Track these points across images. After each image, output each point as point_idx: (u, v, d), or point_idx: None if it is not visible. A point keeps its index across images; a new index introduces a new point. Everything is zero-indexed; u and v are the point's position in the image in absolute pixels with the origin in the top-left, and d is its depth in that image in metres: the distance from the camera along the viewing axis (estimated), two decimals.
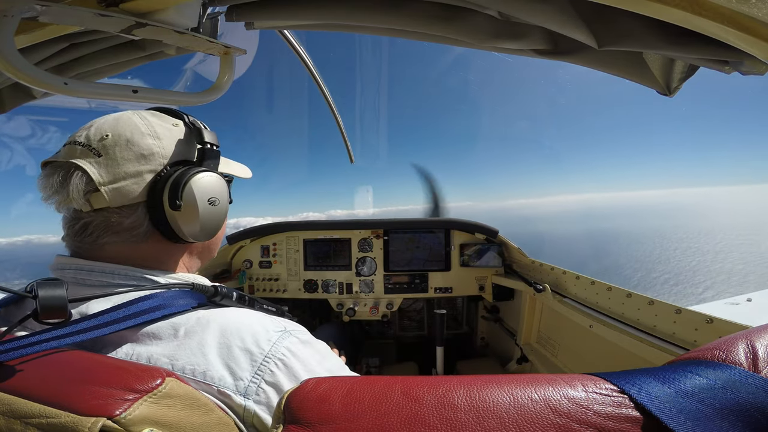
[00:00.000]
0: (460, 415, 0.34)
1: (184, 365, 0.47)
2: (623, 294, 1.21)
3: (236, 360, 0.49)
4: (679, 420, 0.31)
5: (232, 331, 0.51)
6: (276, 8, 0.77)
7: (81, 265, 0.55)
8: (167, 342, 0.49)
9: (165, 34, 0.63)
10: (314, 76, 1.75)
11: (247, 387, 0.48)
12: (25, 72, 0.51)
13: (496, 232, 2.12)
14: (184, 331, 0.50)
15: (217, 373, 0.47)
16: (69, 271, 0.55)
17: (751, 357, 0.36)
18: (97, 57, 0.90)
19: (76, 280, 0.54)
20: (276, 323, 0.56)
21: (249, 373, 0.49)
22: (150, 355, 0.48)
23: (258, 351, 0.50)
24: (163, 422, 0.38)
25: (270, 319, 0.57)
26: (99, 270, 0.54)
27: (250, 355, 0.50)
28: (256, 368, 0.49)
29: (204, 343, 0.49)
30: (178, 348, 0.49)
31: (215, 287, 0.58)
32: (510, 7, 0.63)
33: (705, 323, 0.90)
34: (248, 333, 0.52)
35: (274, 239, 2.26)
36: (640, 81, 0.84)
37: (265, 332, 0.53)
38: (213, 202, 0.61)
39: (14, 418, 0.35)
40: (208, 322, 0.51)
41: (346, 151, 2.77)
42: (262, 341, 0.51)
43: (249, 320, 0.54)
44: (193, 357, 0.48)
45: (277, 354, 0.51)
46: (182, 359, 0.48)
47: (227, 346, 0.50)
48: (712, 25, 0.51)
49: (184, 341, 0.49)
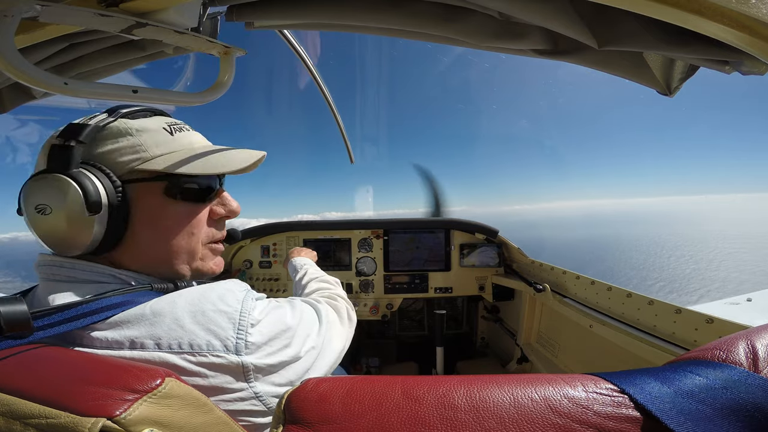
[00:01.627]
0: (460, 415, 0.34)
1: (170, 341, 0.48)
2: (623, 294, 1.21)
3: (215, 322, 0.50)
4: (679, 420, 0.31)
5: (199, 299, 0.52)
6: (276, 8, 0.77)
7: (54, 261, 0.56)
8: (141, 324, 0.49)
9: (165, 34, 0.63)
10: (314, 76, 1.75)
11: (236, 343, 0.50)
12: (25, 72, 0.51)
13: (496, 232, 2.12)
14: (151, 311, 0.50)
15: (203, 339, 0.48)
16: (44, 267, 0.57)
17: (751, 357, 0.36)
18: (97, 57, 0.90)
19: (47, 275, 0.56)
20: (237, 284, 0.59)
21: (232, 331, 0.51)
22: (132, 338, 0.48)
23: (231, 309, 0.52)
24: (163, 422, 0.38)
25: (231, 282, 0.59)
26: (69, 266, 0.55)
27: (226, 314, 0.52)
28: (236, 324, 0.51)
29: (177, 317, 0.50)
30: (153, 327, 0.49)
31: (175, 283, 0.58)
32: (510, 7, 0.63)
33: (705, 323, 0.90)
34: (215, 296, 0.53)
35: (274, 239, 2.26)
36: (640, 81, 0.84)
37: (231, 292, 0.55)
38: (42, 210, 0.52)
39: (14, 418, 0.35)
40: (174, 300, 0.52)
41: (347, 151, 2.77)
42: (230, 300, 0.54)
43: (209, 287, 0.56)
44: (173, 331, 0.48)
45: (249, 306, 0.54)
46: (164, 336, 0.48)
47: (201, 312, 0.51)
48: (712, 25, 0.51)
49: (156, 320, 0.49)
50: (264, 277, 2.25)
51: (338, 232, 2.25)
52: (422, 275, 2.22)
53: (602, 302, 1.31)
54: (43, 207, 0.53)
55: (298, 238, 2.25)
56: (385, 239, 2.22)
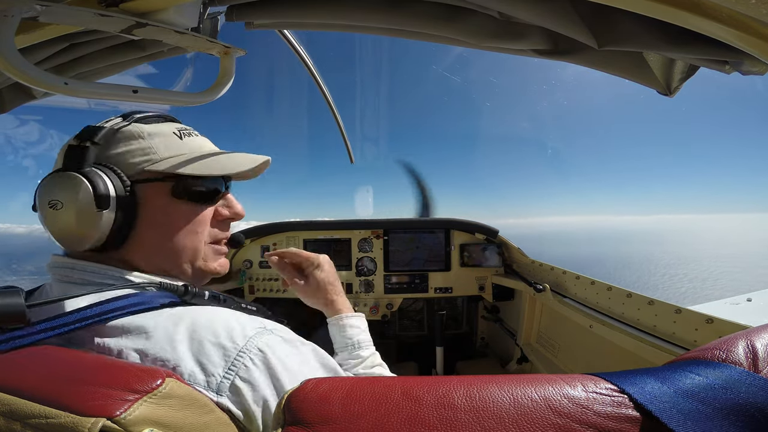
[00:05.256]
0: (460, 415, 0.34)
1: (154, 359, 0.47)
2: (623, 294, 1.21)
3: (207, 355, 0.47)
4: (679, 420, 0.31)
5: (204, 326, 0.50)
6: (276, 8, 0.77)
7: (66, 263, 0.58)
8: (136, 336, 0.49)
9: (165, 34, 0.63)
10: (314, 76, 1.75)
11: (219, 383, 0.46)
12: (25, 72, 0.51)
13: (496, 232, 2.12)
14: (153, 325, 0.49)
15: (187, 368, 0.46)
16: (57, 269, 0.58)
17: (751, 357, 0.36)
18: (97, 57, 0.90)
19: (62, 277, 0.57)
20: (254, 320, 0.55)
21: (221, 369, 0.47)
22: (120, 349, 0.48)
23: (231, 346, 0.49)
24: (163, 422, 0.38)
25: (248, 317, 0.55)
26: (80, 268, 0.57)
27: (223, 349, 0.48)
28: (229, 364, 0.47)
29: (174, 338, 0.48)
30: (147, 341, 0.48)
31: (185, 286, 0.57)
32: (510, 7, 0.63)
33: (705, 323, 0.90)
34: (222, 328, 0.50)
35: (274, 239, 2.26)
36: (640, 81, 0.84)
37: (241, 328, 0.51)
38: (54, 205, 0.55)
39: (14, 418, 0.35)
40: (180, 318, 0.51)
41: (347, 151, 2.77)
42: (236, 336, 0.50)
43: (223, 316, 0.53)
44: (162, 351, 0.47)
45: (253, 349, 0.49)
46: (151, 353, 0.47)
47: (198, 340, 0.48)
48: (712, 25, 0.51)
49: (153, 334, 0.48)
50: (264, 277, 2.25)
51: (338, 232, 2.25)
52: (422, 275, 2.22)
53: (602, 302, 1.31)
54: (56, 202, 0.55)
55: (298, 238, 2.25)
56: (385, 239, 2.22)
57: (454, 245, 2.21)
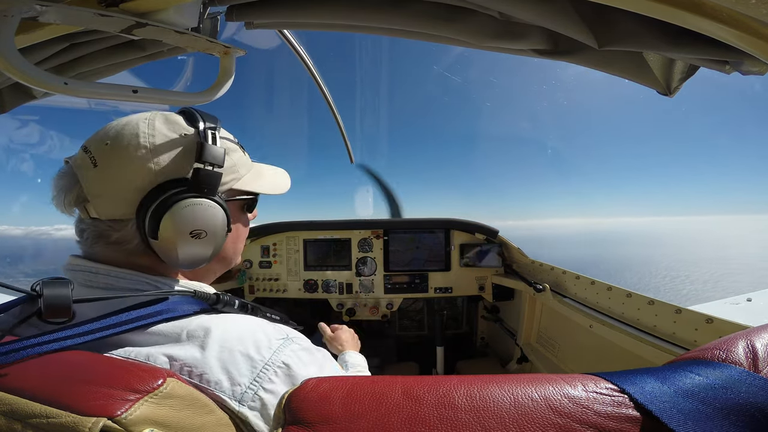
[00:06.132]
0: (461, 415, 0.34)
1: (182, 365, 0.47)
2: (623, 294, 1.21)
3: (236, 365, 0.49)
4: (679, 419, 0.31)
5: (234, 337, 0.51)
6: (276, 8, 0.77)
7: (89, 266, 0.55)
8: (167, 343, 0.49)
9: (165, 34, 0.63)
10: (314, 75, 1.75)
11: (243, 393, 0.48)
12: (25, 72, 0.51)
13: (496, 232, 2.12)
14: (186, 334, 0.50)
15: (215, 376, 0.47)
16: (78, 273, 0.56)
17: (751, 357, 0.36)
18: (97, 57, 0.90)
19: (83, 281, 0.55)
20: (278, 330, 0.56)
21: (248, 379, 0.48)
22: (149, 354, 0.48)
23: (259, 358, 0.50)
24: (163, 422, 0.38)
25: (272, 327, 0.57)
26: (104, 273, 0.55)
27: (251, 361, 0.50)
28: (255, 375, 0.49)
29: (205, 347, 0.49)
30: (177, 347, 0.49)
31: (217, 295, 0.58)
32: (510, 7, 0.63)
33: (705, 323, 0.91)
34: (250, 339, 0.52)
35: (274, 239, 2.26)
36: (640, 81, 0.84)
37: (267, 339, 0.53)
38: (197, 235, 0.55)
39: (15, 418, 0.35)
40: (210, 327, 0.51)
41: (347, 151, 2.77)
42: (263, 348, 0.51)
43: (251, 326, 0.54)
44: (192, 359, 0.47)
45: (277, 362, 0.51)
46: (180, 359, 0.47)
47: (228, 350, 0.49)
48: (712, 25, 0.51)
49: (184, 341, 0.49)
50: (264, 277, 2.25)
51: (338, 232, 2.25)
52: (422, 275, 2.22)
53: (602, 302, 1.31)
54: (199, 232, 0.55)
55: (298, 238, 2.25)
56: (385, 239, 2.22)
57: (454, 245, 2.21)
